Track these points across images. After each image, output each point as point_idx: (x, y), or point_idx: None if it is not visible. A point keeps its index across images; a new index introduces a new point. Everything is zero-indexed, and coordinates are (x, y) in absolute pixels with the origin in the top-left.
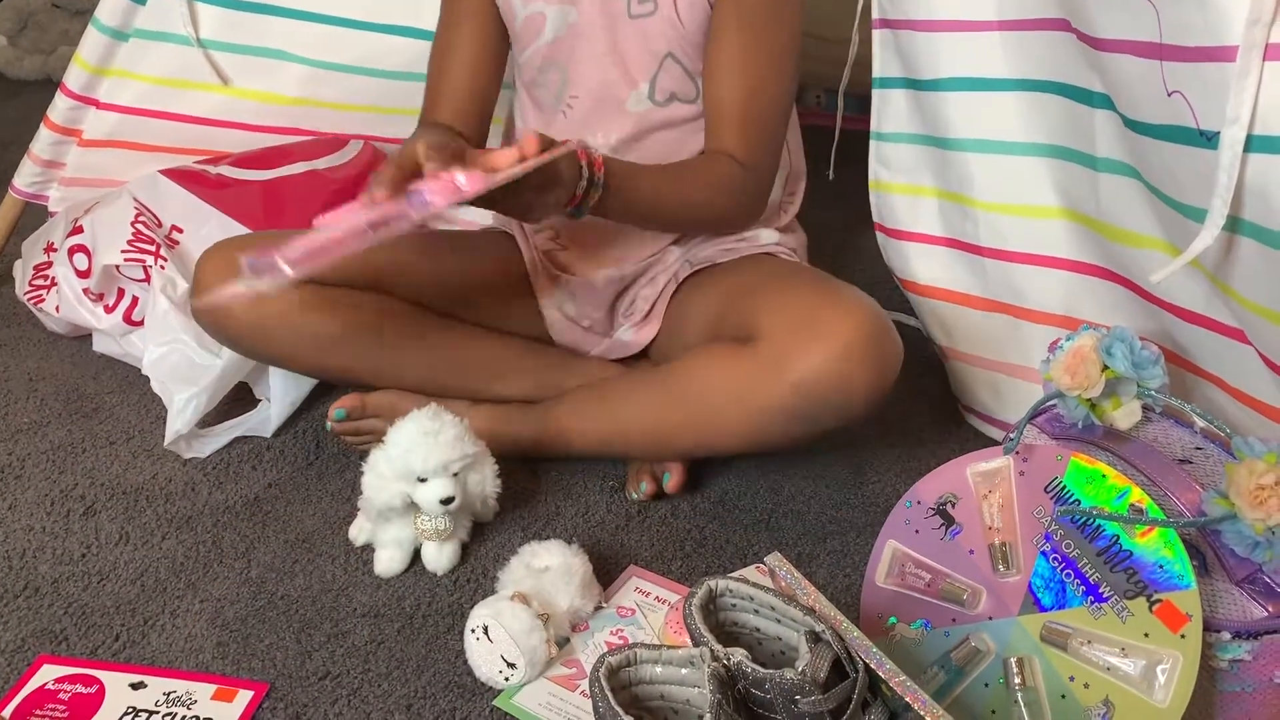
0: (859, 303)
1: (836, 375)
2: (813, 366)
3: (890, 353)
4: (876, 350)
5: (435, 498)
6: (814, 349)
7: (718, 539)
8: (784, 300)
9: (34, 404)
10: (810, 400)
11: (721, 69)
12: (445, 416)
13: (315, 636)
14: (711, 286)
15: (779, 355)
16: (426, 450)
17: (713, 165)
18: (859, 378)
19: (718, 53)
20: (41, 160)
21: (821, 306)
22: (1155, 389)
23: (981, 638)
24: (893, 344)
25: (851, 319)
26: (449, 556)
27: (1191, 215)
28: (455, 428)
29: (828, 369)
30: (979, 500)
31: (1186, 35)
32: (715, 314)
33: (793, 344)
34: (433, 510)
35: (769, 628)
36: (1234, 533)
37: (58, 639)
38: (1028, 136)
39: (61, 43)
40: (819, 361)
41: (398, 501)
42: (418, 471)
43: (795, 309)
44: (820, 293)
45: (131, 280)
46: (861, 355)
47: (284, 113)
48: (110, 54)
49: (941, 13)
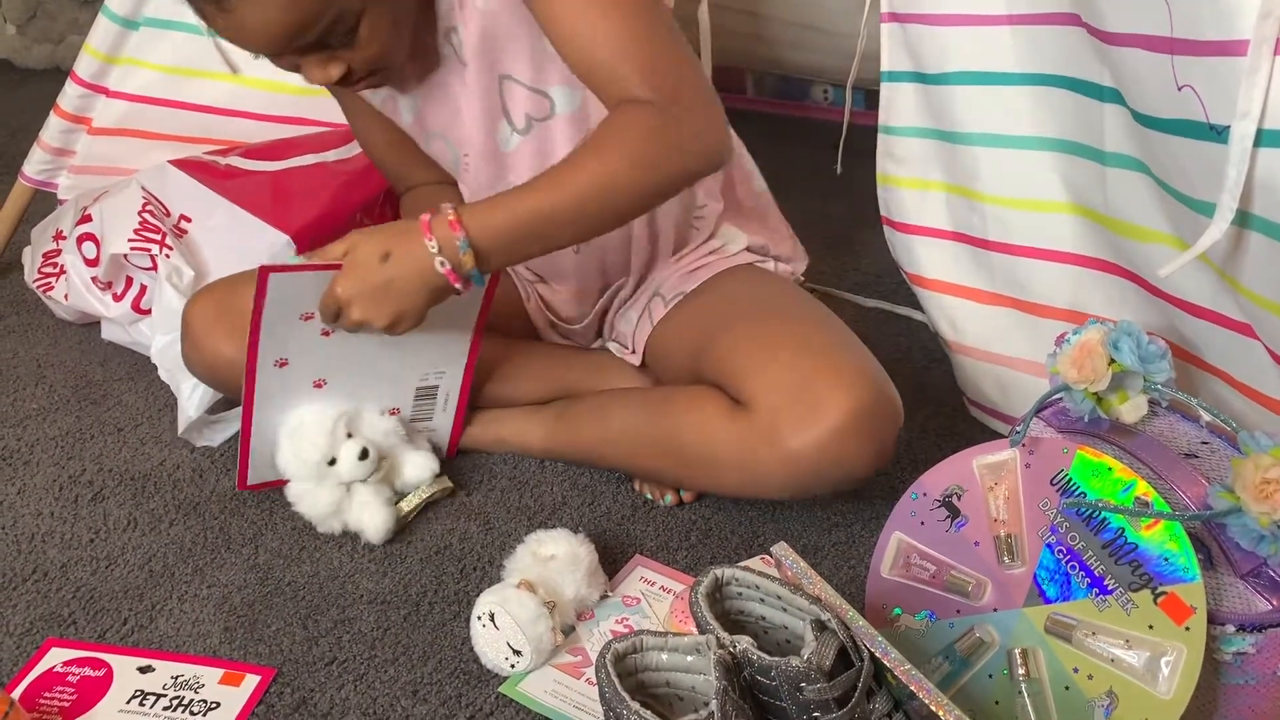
0: (855, 371)
1: (833, 453)
2: (808, 444)
3: (887, 423)
4: (873, 425)
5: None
6: (809, 428)
7: (723, 529)
8: (775, 362)
9: (43, 390)
10: (806, 474)
11: (564, 31)
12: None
13: (322, 622)
14: (691, 319)
15: (774, 428)
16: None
17: (614, 122)
18: (855, 454)
19: (550, 21)
20: (51, 148)
21: (814, 376)
22: (1162, 383)
23: (986, 629)
24: (890, 414)
25: (848, 393)
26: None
27: (1200, 209)
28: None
29: (824, 446)
30: (985, 492)
31: (1197, 29)
32: (697, 348)
33: (788, 419)
34: (359, 471)
35: (775, 616)
36: (1239, 526)
37: (66, 623)
38: (1036, 131)
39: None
40: (814, 439)
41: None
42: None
43: (787, 378)
44: (814, 356)
45: (139, 269)
46: (858, 432)
47: (293, 102)
48: (121, 42)
49: (950, 6)
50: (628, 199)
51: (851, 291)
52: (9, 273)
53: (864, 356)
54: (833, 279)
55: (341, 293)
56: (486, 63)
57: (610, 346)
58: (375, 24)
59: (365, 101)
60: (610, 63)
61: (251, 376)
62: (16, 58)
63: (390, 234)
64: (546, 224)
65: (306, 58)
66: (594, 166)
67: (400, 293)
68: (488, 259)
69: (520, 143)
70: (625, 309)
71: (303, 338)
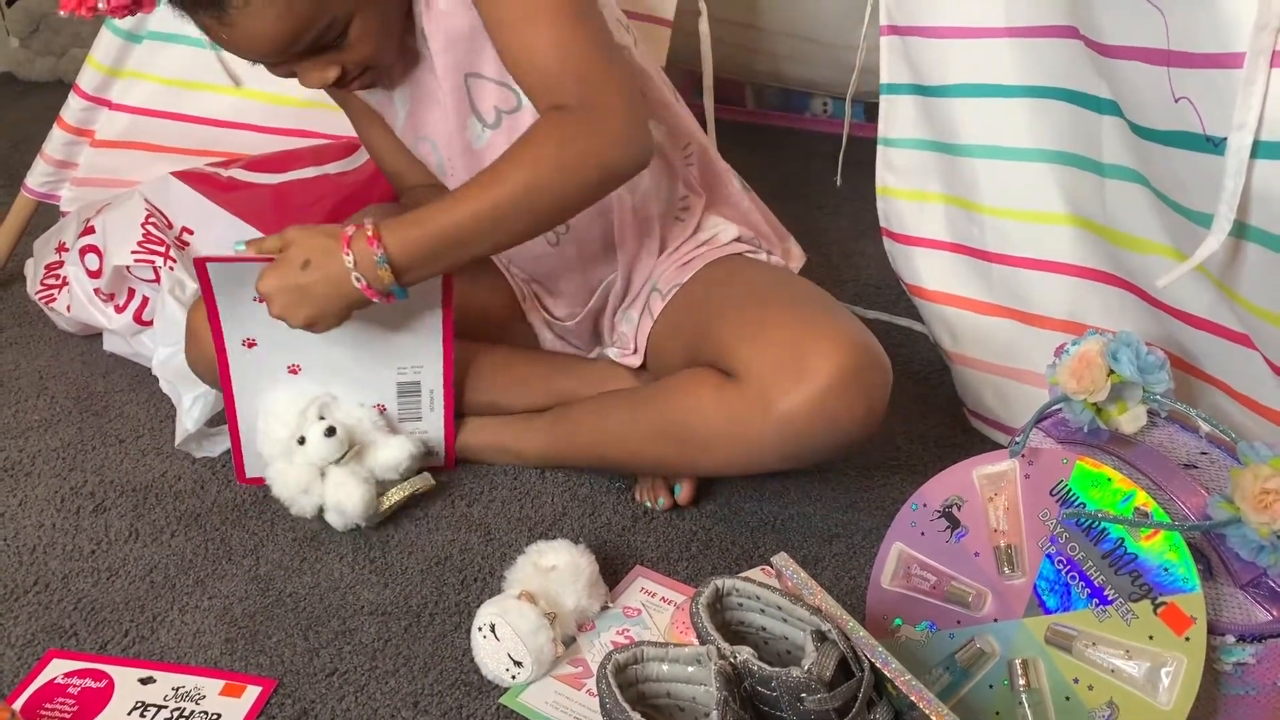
0: (842, 332)
1: (823, 412)
2: (798, 404)
3: (877, 383)
4: (862, 384)
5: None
6: (799, 387)
7: (723, 540)
8: (764, 330)
9: (45, 402)
10: (798, 437)
11: (502, 39)
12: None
13: (323, 633)
14: (687, 308)
15: (764, 392)
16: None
17: (534, 130)
18: (846, 413)
19: (492, 29)
20: (54, 160)
21: (803, 340)
22: (1161, 394)
23: (986, 639)
24: (879, 373)
25: (836, 353)
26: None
27: (1198, 220)
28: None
29: (814, 407)
30: (984, 503)
31: (1194, 41)
32: (694, 336)
33: (777, 382)
34: (327, 450)
35: (775, 627)
36: (1239, 537)
37: (67, 634)
38: (1035, 142)
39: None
40: (804, 399)
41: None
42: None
43: (777, 343)
44: (802, 322)
45: (142, 280)
46: (847, 390)
47: (295, 115)
48: (124, 55)
49: (949, 19)
50: (547, 205)
51: (851, 302)
52: (11, 285)
53: (850, 319)
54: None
55: (263, 287)
56: (452, 61)
57: (609, 353)
58: (365, 26)
59: (368, 107)
60: (542, 70)
61: (223, 360)
62: (19, 70)
63: (316, 241)
64: (466, 234)
65: (303, 63)
66: (513, 175)
67: (315, 299)
68: (405, 273)
69: (491, 137)
70: (626, 309)
71: (262, 318)
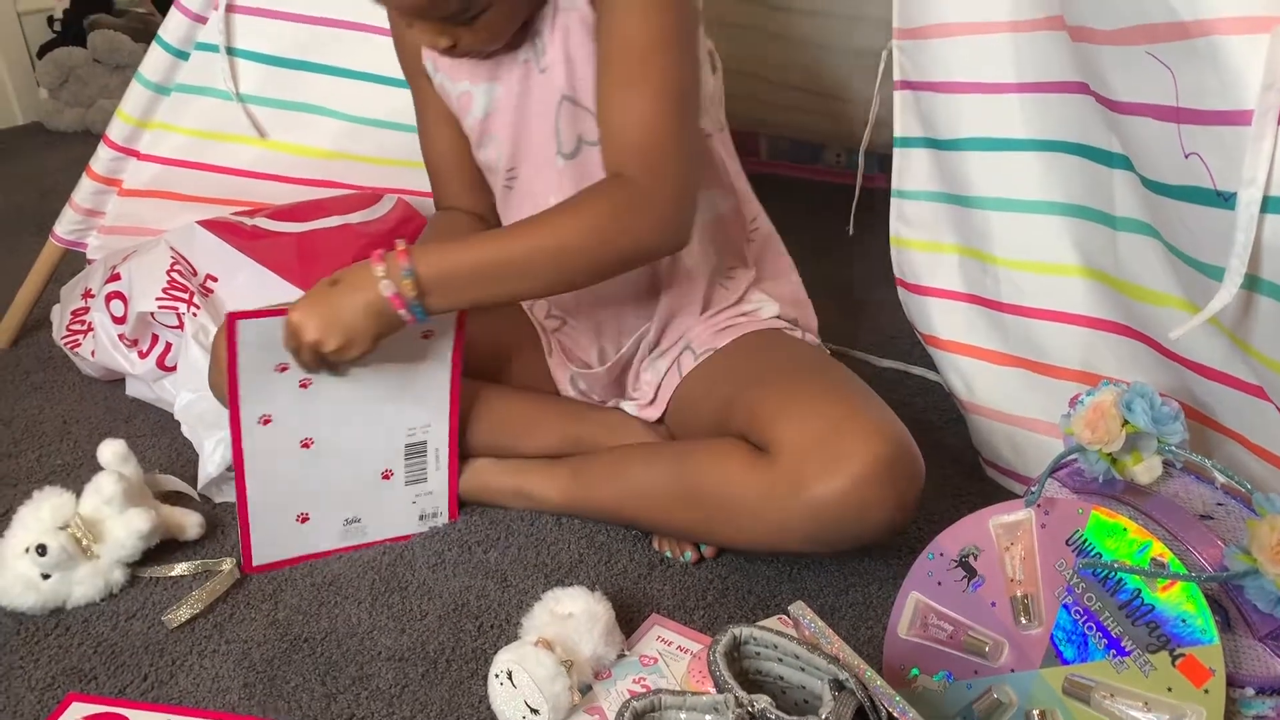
0: (880, 422)
1: (855, 502)
2: (830, 491)
3: (910, 477)
4: (895, 477)
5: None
6: (835, 470)
7: (740, 589)
8: (800, 410)
9: (68, 446)
10: (829, 522)
11: (602, 91)
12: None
13: (340, 679)
14: (719, 373)
15: (796, 474)
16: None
17: (590, 193)
18: (878, 504)
19: (599, 75)
20: (82, 209)
21: (841, 424)
22: (1176, 444)
23: (1004, 690)
24: (912, 467)
25: (874, 442)
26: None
27: (1210, 273)
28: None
29: (846, 495)
30: (1001, 552)
31: (1202, 99)
32: (724, 403)
33: (811, 465)
34: (40, 564)
35: (793, 675)
36: (1256, 588)
37: (87, 677)
38: (1047, 195)
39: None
40: (837, 487)
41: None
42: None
43: (813, 425)
44: (841, 404)
45: (165, 327)
46: (880, 482)
47: (319, 166)
48: (152, 107)
49: (961, 75)
50: (578, 266)
51: (866, 352)
52: (37, 330)
53: (888, 412)
54: (847, 339)
55: (295, 317)
56: (559, 78)
57: (625, 406)
58: (498, 13)
59: (441, 101)
60: (624, 136)
61: (237, 432)
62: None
63: (344, 270)
64: (494, 272)
65: (426, 24)
66: (551, 229)
67: (346, 316)
68: (429, 294)
69: (564, 165)
70: (653, 359)
71: (282, 391)
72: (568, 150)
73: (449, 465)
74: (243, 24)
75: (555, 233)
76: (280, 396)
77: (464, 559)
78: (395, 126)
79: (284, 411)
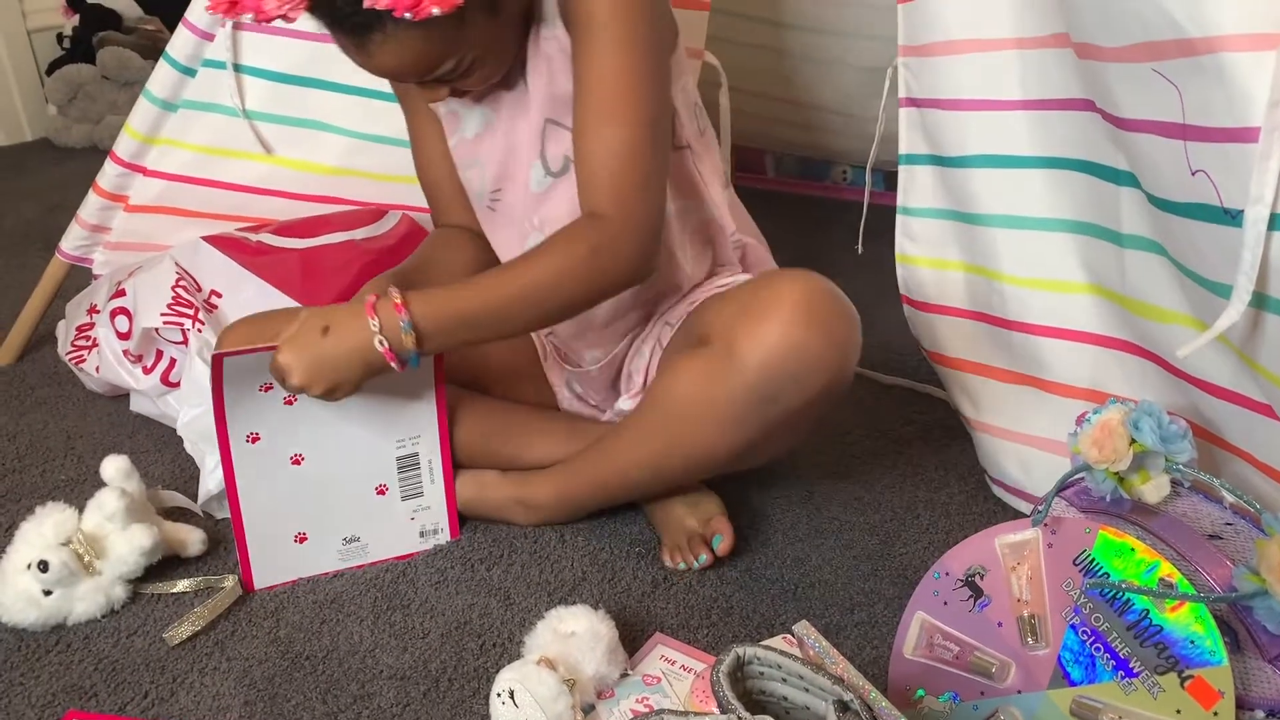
0: (798, 276)
1: (786, 344)
2: (762, 342)
3: (838, 314)
4: (823, 316)
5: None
6: (759, 327)
7: (744, 608)
8: (729, 296)
9: (71, 461)
10: (764, 376)
11: (577, 124)
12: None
13: (342, 697)
14: (685, 327)
15: (730, 342)
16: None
17: (568, 237)
18: (811, 342)
19: (575, 106)
20: (89, 225)
21: (759, 290)
22: (1183, 463)
23: (1011, 711)
24: (837, 305)
25: (792, 291)
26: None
27: (1217, 291)
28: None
29: (776, 340)
30: (1007, 572)
31: (1209, 116)
32: (683, 344)
33: (739, 327)
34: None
35: (797, 696)
36: (1265, 609)
37: (87, 694)
38: (1053, 212)
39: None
40: (766, 336)
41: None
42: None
43: (738, 298)
44: (761, 278)
45: (170, 342)
46: (806, 319)
47: (324, 182)
48: (160, 123)
49: (967, 92)
50: (557, 305)
51: (872, 369)
52: (43, 346)
53: (813, 273)
54: None
55: (281, 360)
56: (539, 102)
57: (621, 404)
58: (485, 67)
59: (433, 122)
60: (597, 167)
61: (227, 455)
62: (56, 137)
63: (333, 311)
64: (484, 317)
65: (422, 84)
66: (533, 274)
67: (336, 366)
68: (426, 341)
69: (553, 184)
70: (639, 344)
71: (268, 410)
72: (555, 169)
73: (445, 480)
74: (249, 41)
75: (537, 278)
76: (267, 415)
77: (466, 576)
78: (400, 143)
79: (271, 429)
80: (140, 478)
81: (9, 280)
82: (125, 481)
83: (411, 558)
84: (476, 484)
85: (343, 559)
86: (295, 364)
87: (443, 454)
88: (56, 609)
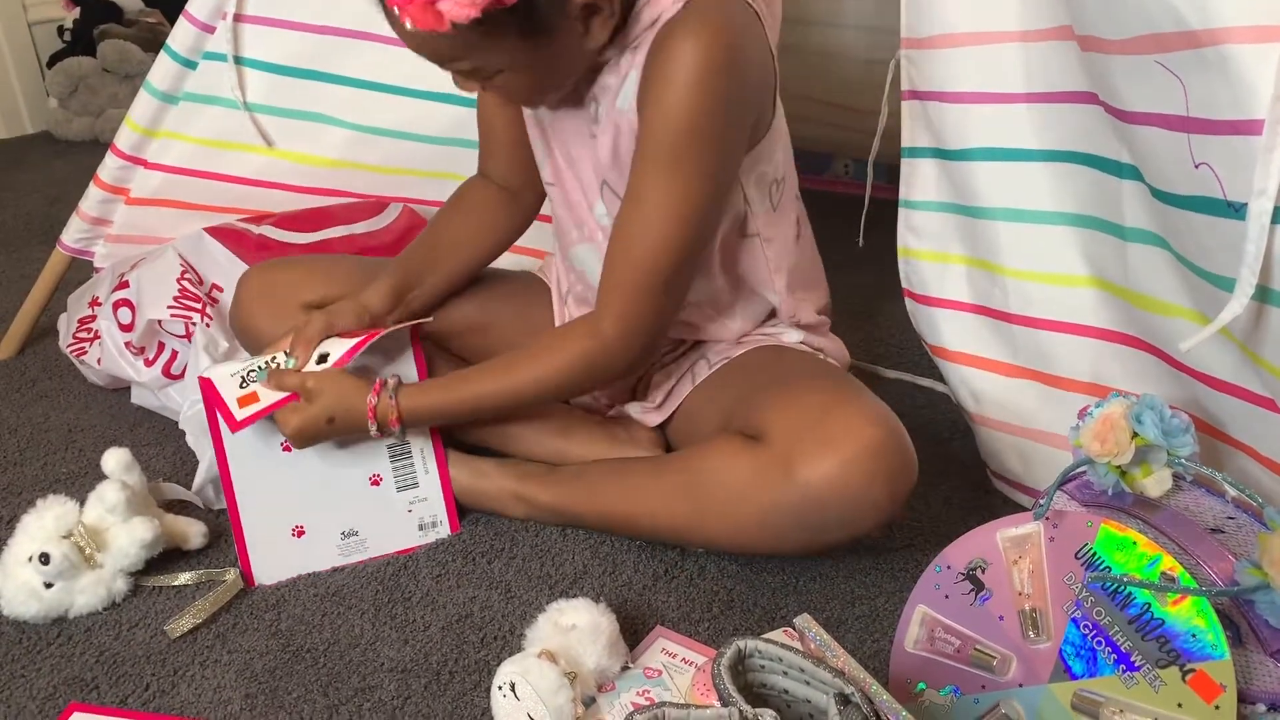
0: (871, 409)
1: (843, 484)
2: (819, 473)
3: (901, 465)
4: (886, 463)
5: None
6: (823, 453)
7: (745, 601)
8: (795, 399)
9: (73, 454)
10: (816, 505)
11: (621, 213)
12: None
13: (343, 690)
14: (727, 381)
15: (786, 456)
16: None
17: (561, 344)
18: (866, 489)
19: (631, 188)
20: (90, 217)
21: (832, 409)
22: (1185, 457)
23: (1012, 705)
24: (903, 456)
25: (862, 427)
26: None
27: (1220, 284)
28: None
29: (834, 477)
30: (1009, 566)
31: (1213, 109)
32: (729, 406)
33: (801, 446)
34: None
35: (798, 689)
36: (1267, 603)
37: (89, 687)
38: (1056, 206)
39: (110, 105)
40: (826, 468)
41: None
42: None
43: (805, 409)
44: (832, 393)
45: (172, 335)
46: (869, 467)
47: (326, 174)
48: (160, 116)
49: (969, 85)
50: (537, 402)
51: (874, 362)
52: (44, 339)
53: (882, 404)
54: (855, 350)
55: (287, 430)
56: (604, 159)
57: (629, 408)
58: (511, 81)
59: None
60: (618, 263)
61: (223, 459)
62: (57, 130)
63: (341, 401)
64: (467, 411)
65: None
66: (520, 376)
67: (329, 437)
68: (410, 424)
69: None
70: (668, 364)
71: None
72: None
73: (439, 470)
74: (250, 33)
75: (527, 380)
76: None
77: (467, 570)
78: (401, 136)
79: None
80: (141, 470)
81: (10, 273)
82: (126, 474)
83: (412, 552)
84: (472, 471)
85: (342, 554)
86: (295, 435)
87: (434, 442)
88: (58, 601)
